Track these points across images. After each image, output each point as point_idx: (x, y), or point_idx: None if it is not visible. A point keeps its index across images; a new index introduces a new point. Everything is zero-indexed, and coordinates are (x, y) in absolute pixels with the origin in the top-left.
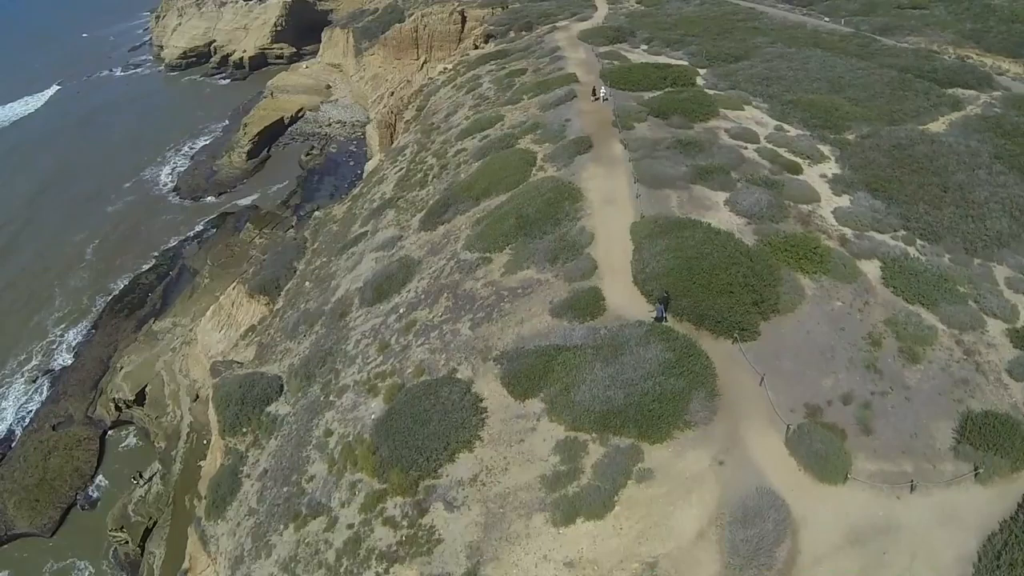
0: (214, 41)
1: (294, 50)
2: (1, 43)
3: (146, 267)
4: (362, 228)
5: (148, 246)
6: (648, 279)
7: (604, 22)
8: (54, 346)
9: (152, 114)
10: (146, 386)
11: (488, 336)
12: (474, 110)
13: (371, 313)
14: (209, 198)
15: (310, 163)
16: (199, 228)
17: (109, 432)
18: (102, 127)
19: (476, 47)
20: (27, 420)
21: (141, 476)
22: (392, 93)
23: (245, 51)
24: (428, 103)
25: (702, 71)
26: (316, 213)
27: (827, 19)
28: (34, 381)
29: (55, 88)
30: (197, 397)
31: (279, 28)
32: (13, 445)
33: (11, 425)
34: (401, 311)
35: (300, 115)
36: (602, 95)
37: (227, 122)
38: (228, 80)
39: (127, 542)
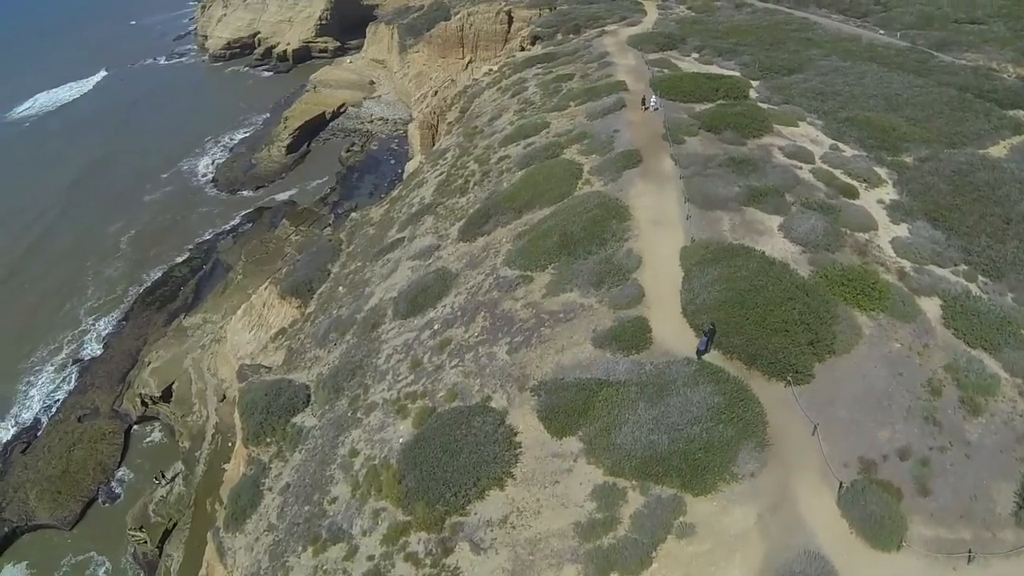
0: (258, 33)
1: (338, 44)
2: (52, 29)
3: (180, 259)
4: (399, 233)
5: (183, 238)
6: (698, 311)
7: (654, 28)
8: (85, 336)
9: (193, 104)
10: (173, 383)
11: (526, 363)
12: (519, 115)
13: (404, 327)
14: (246, 192)
15: (350, 160)
16: (235, 222)
17: (134, 426)
18: (143, 115)
19: (522, 49)
20: (53, 410)
21: (163, 476)
22: (436, 92)
23: (289, 44)
24: (472, 105)
25: (755, 83)
26: (353, 214)
27: (882, 32)
28: (63, 370)
29: (101, 75)
30: (224, 398)
31: (324, 22)
32: (38, 434)
33: (37, 414)
34: (436, 327)
35: (342, 110)
36: (652, 105)
37: (268, 115)
38: (271, 73)
39: (145, 542)
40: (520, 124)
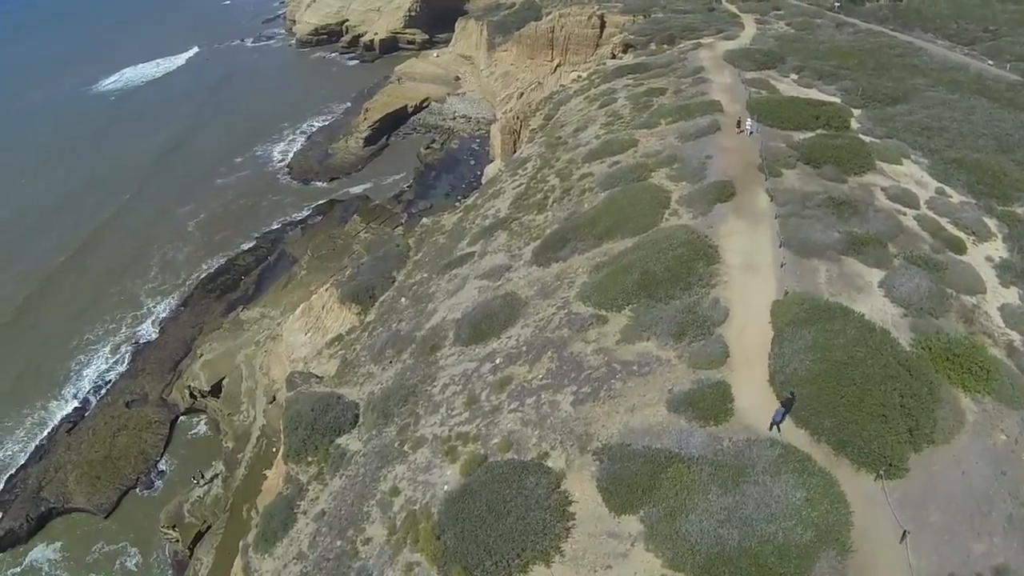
0: (346, 20)
1: (426, 37)
2: (146, 4)
3: (245, 247)
4: (470, 247)
5: (251, 225)
6: (787, 382)
7: (752, 43)
8: (142, 318)
9: (275, 88)
10: (223, 378)
11: (591, 419)
12: (606, 129)
13: (464, 355)
14: (319, 182)
15: (428, 157)
16: (304, 213)
17: (180, 417)
18: (225, 97)
19: (613, 56)
20: (103, 392)
21: (202, 476)
22: (521, 94)
23: (376, 33)
24: (557, 113)
25: (856, 112)
26: (424, 219)
27: (991, 62)
28: (117, 351)
29: (189, 53)
30: (274, 399)
31: (413, 13)
32: (85, 415)
33: (87, 394)
34: (497, 361)
35: (425, 105)
36: (748, 128)
37: (349, 104)
38: (356, 61)
39: (177, 541)
40: (606, 139)
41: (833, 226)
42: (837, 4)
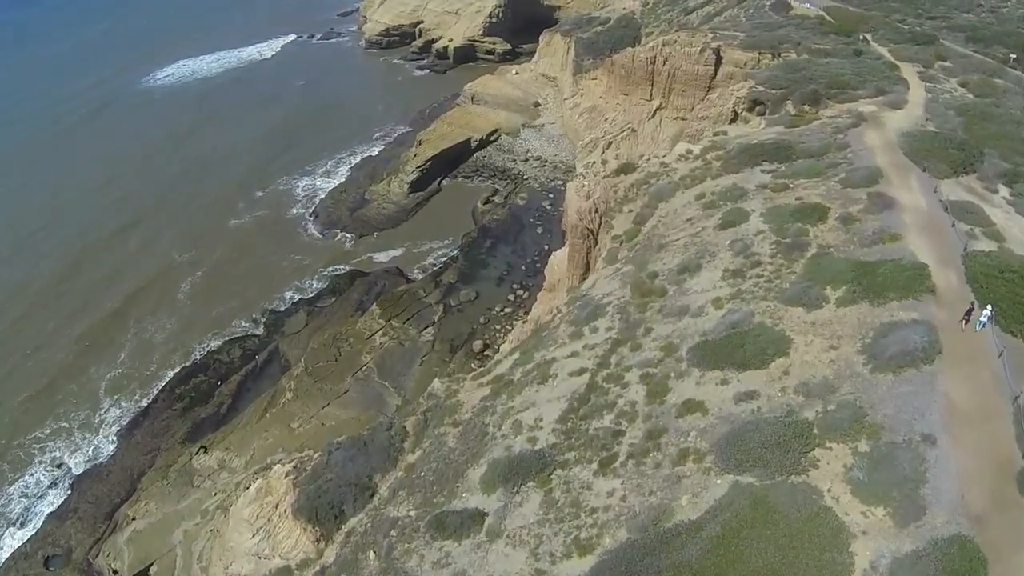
0: (421, 23)
1: (508, 47)
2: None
3: (238, 327)
4: (483, 494)
5: (251, 296)
6: None
7: (927, 115)
8: (95, 427)
9: (328, 100)
10: (151, 565)
11: None
12: (731, 285)
13: None
14: (346, 238)
15: (486, 216)
16: (317, 286)
17: None
18: (270, 106)
19: (736, 115)
20: (25, 536)
21: None
22: (609, 144)
23: (451, 40)
24: (653, 214)
25: None
26: (435, 384)
27: None
28: (55, 471)
29: (254, 47)
30: None
31: (494, 19)
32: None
33: (10, 523)
34: None
35: (493, 138)
36: (983, 321)
37: (406, 129)
38: (426, 71)
39: None
40: (734, 320)
41: None
42: (1013, 56)
